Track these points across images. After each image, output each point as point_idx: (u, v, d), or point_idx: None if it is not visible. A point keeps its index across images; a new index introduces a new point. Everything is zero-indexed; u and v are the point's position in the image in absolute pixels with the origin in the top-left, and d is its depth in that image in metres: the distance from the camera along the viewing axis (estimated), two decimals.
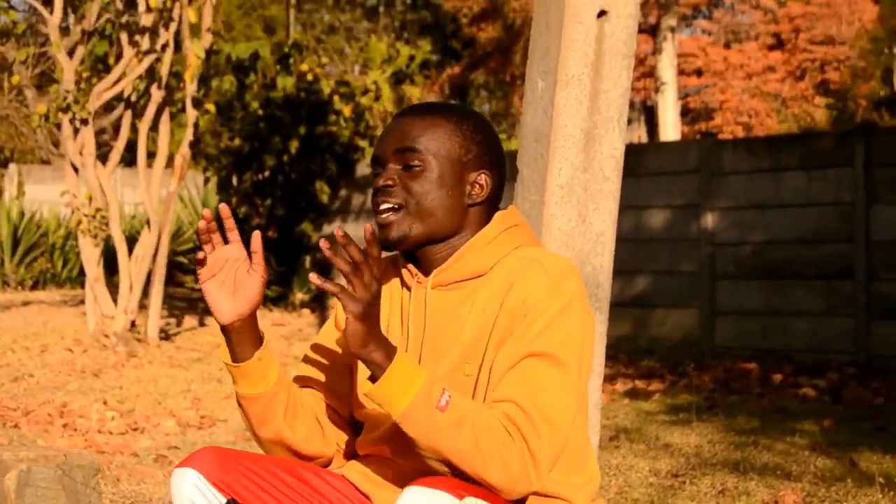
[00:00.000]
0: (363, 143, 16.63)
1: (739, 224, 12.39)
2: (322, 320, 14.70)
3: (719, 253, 12.50)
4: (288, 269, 16.64)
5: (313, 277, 2.38)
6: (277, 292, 16.39)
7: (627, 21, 3.70)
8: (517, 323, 2.57)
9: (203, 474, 2.65)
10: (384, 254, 2.64)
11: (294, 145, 16.34)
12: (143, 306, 12.28)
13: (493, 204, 2.76)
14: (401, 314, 2.78)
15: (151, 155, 12.52)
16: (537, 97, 3.76)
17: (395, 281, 2.82)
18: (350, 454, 2.90)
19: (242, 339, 2.69)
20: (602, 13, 3.66)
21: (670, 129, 18.61)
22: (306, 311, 15.48)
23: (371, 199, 2.71)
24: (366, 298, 2.40)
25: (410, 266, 2.76)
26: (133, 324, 11.67)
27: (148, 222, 11.87)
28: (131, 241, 15.46)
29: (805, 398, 9.21)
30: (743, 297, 12.34)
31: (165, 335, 12.35)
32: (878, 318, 11.37)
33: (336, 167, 16.56)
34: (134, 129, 12.25)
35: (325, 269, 17.04)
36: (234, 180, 17.08)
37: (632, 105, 26.84)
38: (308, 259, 16.85)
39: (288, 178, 16.70)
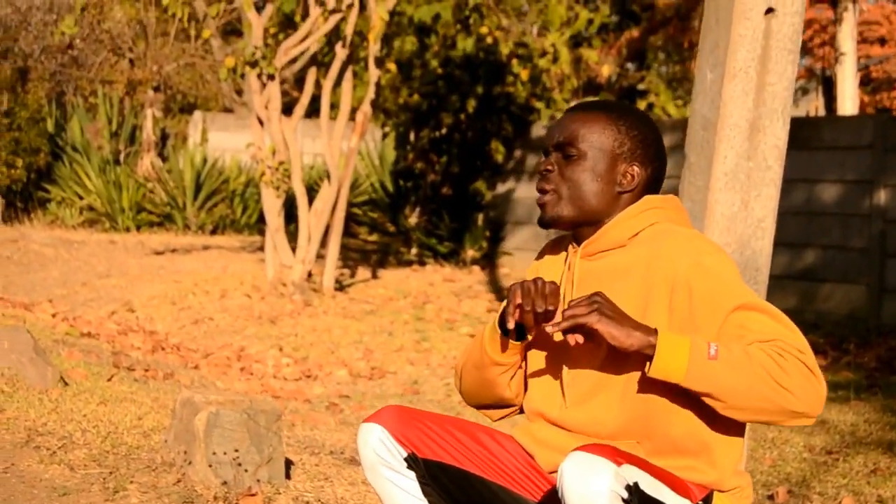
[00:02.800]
0: (539, 105, 16.79)
1: None
2: (492, 277, 14.94)
3: (890, 230, 12.40)
4: (460, 226, 16.88)
5: (549, 329, 2.82)
6: (449, 248, 16.66)
7: (794, 18, 3.88)
8: (681, 295, 2.84)
9: (388, 429, 2.98)
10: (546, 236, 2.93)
11: (471, 104, 16.56)
12: (319, 256, 12.63)
13: (646, 193, 3.02)
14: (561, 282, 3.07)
15: (333, 108, 12.82)
16: (706, 87, 3.96)
17: (563, 255, 3.12)
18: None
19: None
20: (769, 10, 3.86)
21: (848, 101, 18.38)
22: (476, 268, 15.72)
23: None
24: (595, 309, 2.75)
25: (573, 243, 3.07)
26: (310, 274, 12.03)
27: (328, 175, 12.18)
28: (310, 190, 15.84)
29: None
30: None
31: (340, 286, 12.69)
32: None
33: (512, 127, 16.75)
34: (317, 85, 12.56)
35: (497, 227, 17.28)
36: (412, 136, 17.38)
37: (811, 74, 26.49)
38: (481, 217, 17.05)
39: (464, 136, 16.95)
